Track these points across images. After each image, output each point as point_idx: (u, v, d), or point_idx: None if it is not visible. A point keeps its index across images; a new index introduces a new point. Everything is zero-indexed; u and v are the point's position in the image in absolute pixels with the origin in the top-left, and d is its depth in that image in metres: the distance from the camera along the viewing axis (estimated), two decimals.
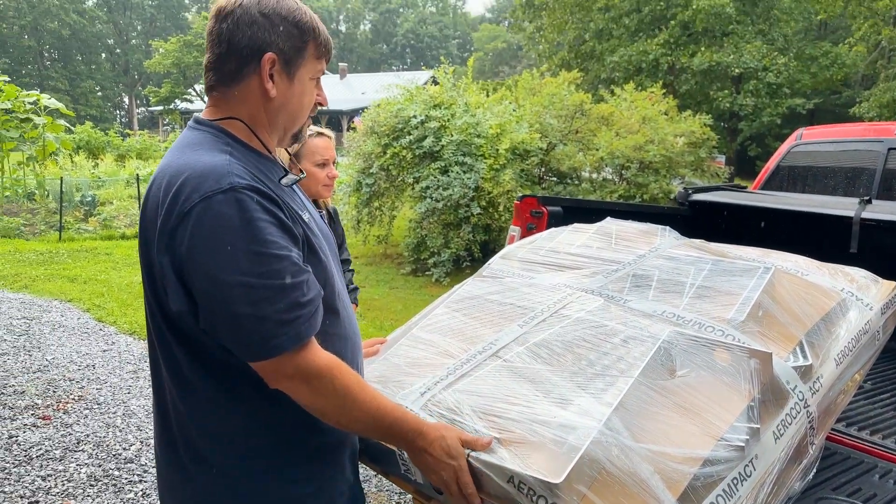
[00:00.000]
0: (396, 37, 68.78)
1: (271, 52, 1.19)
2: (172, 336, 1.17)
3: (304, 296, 1.11)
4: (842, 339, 1.70)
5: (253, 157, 1.21)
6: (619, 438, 1.25)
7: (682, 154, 9.49)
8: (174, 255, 1.09)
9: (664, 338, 1.49)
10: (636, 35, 20.96)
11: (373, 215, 8.71)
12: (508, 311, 1.78)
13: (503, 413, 1.35)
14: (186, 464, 1.23)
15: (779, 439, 1.39)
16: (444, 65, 9.12)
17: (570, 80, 10.90)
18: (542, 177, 9.78)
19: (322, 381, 1.12)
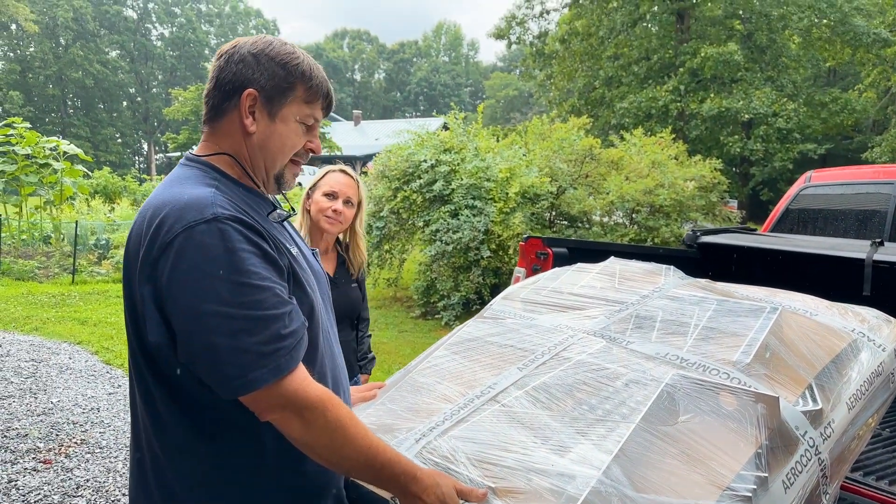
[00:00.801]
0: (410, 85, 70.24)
1: (252, 88, 1.21)
2: (150, 373, 1.15)
3: (285, 328, 1.09)
4: (854, 381, 1.64)
5: (241, 192, 1.22)
6: (619, 488, 1.20)
7: (693, 198, 9.47)
8: (155, 285, 1.08)
9: (667, 381, 1.44)
10: (645, 82, 21.26)
11: (383, 258, 8.72)
12: (508, 354, 1.74)
13: (499, 461, 1.30)
14: (157, 502, 1.19)
15: (789, 489, 1.33)
16: (454, 110, 9.25)
17: (580, 125, 11.03)
18: (553, 220, 9.80)
19: (314, 413, 1.09)
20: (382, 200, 8.48)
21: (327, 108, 1.30)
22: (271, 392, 1.07)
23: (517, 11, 24.61)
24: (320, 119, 1.30)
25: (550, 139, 10.45)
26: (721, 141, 19.79)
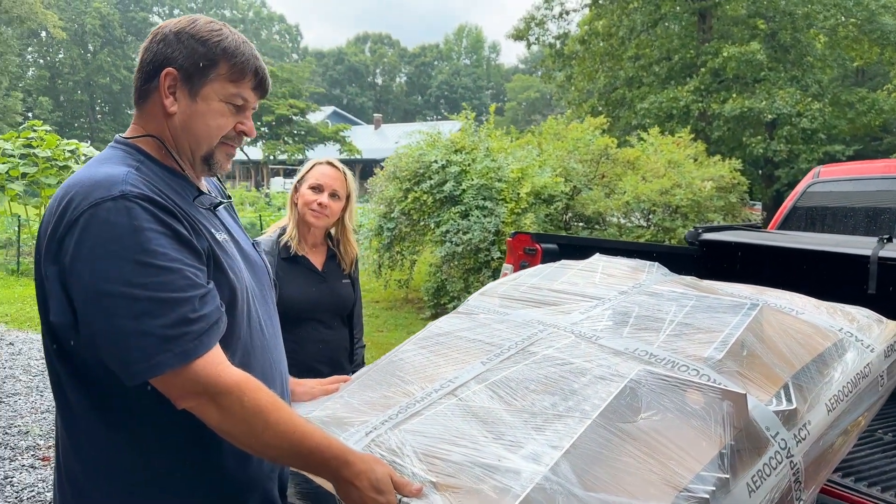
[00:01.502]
0: (431, 88, 70.36)
1: (171, 67, 1.17)
2: (56, 356, 1.11)
3: (194, 311, 1.04)
4: (836, 382, 1.54)
5: (165, 175, 1.18)
6: (565, 486, 1.13)
7: (711, 198, 9.29)
8: (60, 264, 1.04)
9: (632, 377, 1.37)
10: (666, 82, 20.97)
11: (394, 259, 8.69)
12: (474, 348, 1.68)
13: (446, 455, 1.24)
14: (67, 495, 1.15)
15: (754, 492, 1.24)
16: (465, 110, 9.20)
17: (597, 125, 10.91)
18: (568, 222, 9.69)
19: (230, 399, 1.04)
20: (393, 201, 8.45)
21: (259, 88, 1.25)
22: (181, 377, 1.02)
23: (536, 12, 24.46)
24: (251, 100, 1.24)
25: (566, 139, 10.35)
26: (744, 142, 19.44)
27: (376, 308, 8.73)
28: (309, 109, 34.87)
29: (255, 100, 1.26)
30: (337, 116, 46.65)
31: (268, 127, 34.29)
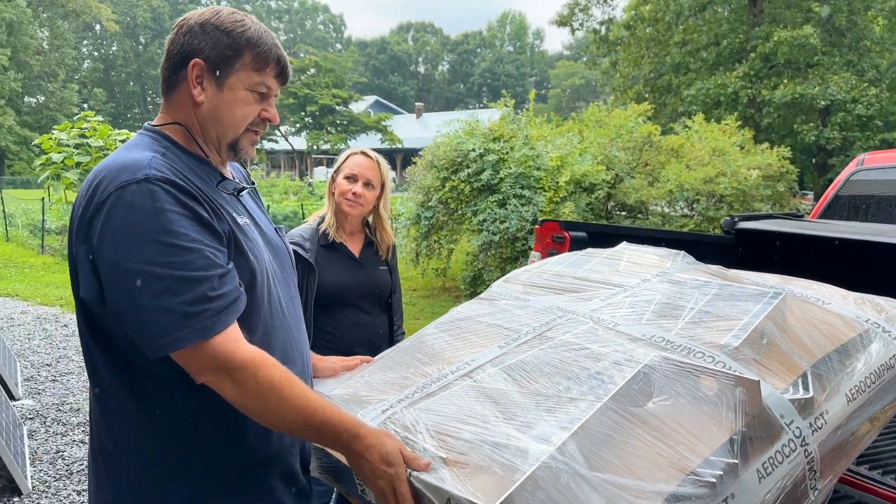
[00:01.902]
0: (473, 76, 70.08)
1: (198, 58, 1.22)
2: (89, 333, 1.18)
3: (213, 289, 1.09)
4: (858, 373, 1.51)
5: (190, 161, 1.23)
6: (571, 465, 1.15)
7: (757, 187, 9.05)
8: (90, 244, 1.10)
9: (646, 362, 1.37)
10: (714, 68, 20.43)
11: (431, 248, 8.74)
12: (493, 333, 1.70)
13: (457, 434, 1.27)
14: (100, 469, 1.23)
15: (764, 479, 1.24)
16: (504, 98, 9.16)
17: (640, 112, 10.72)
18: (611, 211, 9.57)
19: (244, 375, 1.09)
20: (431, 190, 8.49)
21: (281, 76, 1.29)
22: (199, 353, 1.08)
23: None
24: (274, 87, 1.29)
25: (608, 126, 10.21)
26: (795, 129, 18.81)
27: (414, 296, 8.81)
28: (351, 99, 35.15)
29: (278, 87, 1.30)
30: (379, 106, 46.91)
31: (311, 117, 34.70)
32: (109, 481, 1.21)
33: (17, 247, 13.25)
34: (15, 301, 8.32)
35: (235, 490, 1.22)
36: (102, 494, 1.23)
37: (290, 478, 1.33)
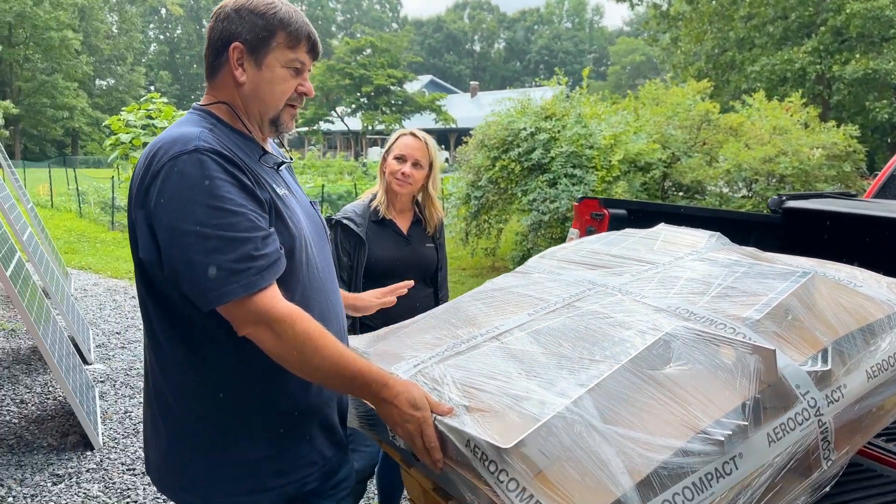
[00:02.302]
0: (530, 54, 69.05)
1: (237, 41, 1.32)
2: (146, 291, 1.31)
3: (256, 249, 1.20)
4: (882, 351, 1.53)
5: (235, 137, 1.34)
6: (585, 417, 1.22)
7: (821, 167, 8.71)
8: (147, 209, 1.23)
9: (668, 331, 1.42)
10: (781, 43, 19.57)
11: (481, 228, 8.79)
12: (524, 302, 1.77)
13: (481, 386, 1.35)
14: (157, 416, 1.36)
15: (774, 443, 1.28)
16: (557, 75, 9.07)
17: (699, 90, 10.42)
18: (667, 191, 9.39)
19: (283, 326, 1.20)
20: (481, 170, 8.52)
21: (312, 52, 1.38)
22: (243, 307, 1.19)
23: None
24: (307, 62, 1.37)
25: (665, 104, 9.98)
26: (867, 107, 17.89)
27: (463, 275, 8.90)
28: (406, 79, 35.23)
29: (310, 62, 1.39)
30: (434, 85, 46.86)
31: (366, 98, 34.99)
32: (166, 427, 1.34)
33: (90, 223, 13.98)
34: (88, 274, 8.83)
35: (280, 437, 1.34)
36: (159, 439, 1.37)
37: (329, 430, 1.44)
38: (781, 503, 1.30)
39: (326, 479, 1.46)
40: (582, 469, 1.14)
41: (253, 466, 1.32)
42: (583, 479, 1.13)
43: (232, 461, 1.32)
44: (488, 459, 1.15)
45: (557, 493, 1.10)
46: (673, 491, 1.14)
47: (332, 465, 1.45)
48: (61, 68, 41.20)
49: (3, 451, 3.58)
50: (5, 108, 29.42)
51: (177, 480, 1.36)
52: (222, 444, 1.31)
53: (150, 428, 1.40)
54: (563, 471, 1.14)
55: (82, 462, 3.48)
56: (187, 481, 1.34)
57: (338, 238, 2.49)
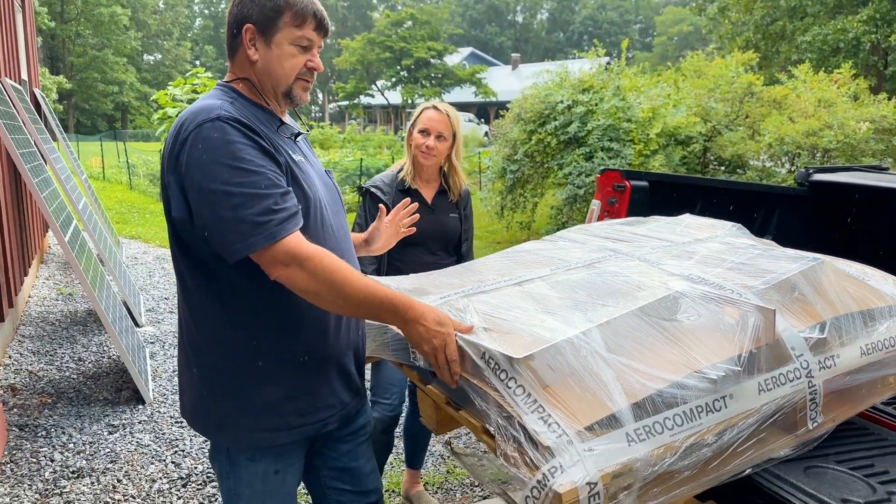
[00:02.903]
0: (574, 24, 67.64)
1: (249, 23, 1.45)
2: (178, 248, 1.46)
3: (276, 204, 1.33)
4: (878, 333, 1.62)
5: (254, 109, 1.48)
6: (591, 345, 1.34)
7: (867, 141, 8.48)
8: (178, 173, 1.37)
9: (679, 289, 1.52)
10: (836, 12, 18.80)
11: (516, 201, 8.84)
12: (547, 261, 1.90)
13: (500, 316, 1.48)
14: (191, 361, 1.52)
15: (764, 392, 1.38)
16: (596, 47, 8.98)
17: (744, 61, 10.18)
18: (708, 165, 9.26)
19: (312, 262, 1.33)
20: (517, 143, 8.54)
21: (320, 29, 1.48)
22: (270, 253, 1.32)
23: None
24: (315, 39, 1.48)
25: (707, 76, 9.79)
26: None
27: (497, 248, 8.99)
28: (446, 52, 35.00)
29: (319, 39, 1.49)
30: (474, 58, 46.44)
31: (406, 71, 34.92)
32: (199, 372, 1.50)
33: (140, 194, 14.49)
34: (138, 243, 9.22)
35: (301, 381, 1.49)
36: (192, 384, 1.53)
37: (347, 376, 1.59)
38: (764, 450, 1.40)
39: (345, 424, 1.62)
40: (583, 385, 1.27)
41: (276, 406, 1.47)
42: (583, 393, 1.26)
43: (257, 402, 1.47)
44: (500, 369, 1.28)
45: (559, 402, 1.23)
46: (664, 416, 1.26)
47: (349, 409, 1.60)
48: (111, 44, 42.23)
49: (64, 403, 3.87)
50: (59, 83, 30.39)
51: (210, 420, 1.52)
52: (249, 386, 1.46)
53: (185, 374, 1.56)
54: (567, 386, 1.27)
55: (135, 415, 3.75)
56: (219, 420, 1.50)
57: (366, 205, 2.63)
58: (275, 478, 1.52)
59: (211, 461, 1.60)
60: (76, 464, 3.20)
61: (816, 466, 1.46)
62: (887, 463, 1.53)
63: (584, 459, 1.15)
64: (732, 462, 1.34)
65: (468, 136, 24.80)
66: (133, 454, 3.32)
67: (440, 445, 3.51)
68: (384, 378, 2.63)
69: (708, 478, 1.31)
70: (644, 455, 1.20)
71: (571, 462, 1.14)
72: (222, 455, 1.53)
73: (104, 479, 3.08)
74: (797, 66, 9.93)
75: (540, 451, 1.16)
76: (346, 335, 1.58)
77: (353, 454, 1.68)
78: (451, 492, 3.08)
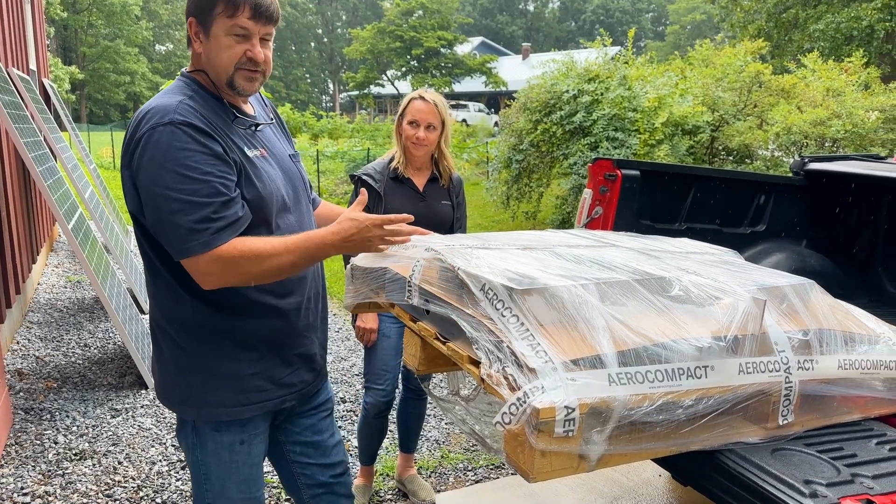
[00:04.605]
0: (585, 13, 67.10)
1: (191, 16, 1.49)
2: (140, 233, 1.51)
3: (215, 213, 1.37)
4: (856, 353, 1.65)
5: (212, 101, 1.51)
6: (586, 296, 1.38)
7: (876, 130, 8.40)
8: (132, 170, 1.42)
9: (675, 276, 1.55)
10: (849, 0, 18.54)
11: (522, 191, 8.84)
12: (549, 240, 1.97)
13: (503, 265, 1.51)
14: (159, 339, 1.58)
15: (743, 373, 1.42)
16: (602, 36, 8.94)
17: (753, 50, 10.09)
18: (716, 155, 9.22)
19: (237, 265, 1.38)
20: (523, 133, 8.53)
21: (257, 17, 1.46)
22: (204, 261, 1.37)
23: None
24: (252, 28, 1.47)
25: (714, 65, 9.73)
26: None
27: None
28: (457, 41, 34.87)
29: (258, 27, 1.47)
30: (484, 47, 46.20)
31: (416, 60, 34.83)
32: (167, 351, 1.56)
33: None
34: None
35: (261, 359, 1.56)
36: (162, 362, 1.60)
37: (308, 358, 1.66)
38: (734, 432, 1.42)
39: (305, 401, 1.70)
40: (574, 326, 1.32)
41: (238, 383, 1.54)
42: (573, 333, 1.31)
43: (220, 378, 1.53)
44: (498, 299, 1.33)
45: (549, 337, 1.29)
46: (647, 368, 1.30)
47: (310, 388, 1.67)
48: (122, 34, 42.41)
49: (69, 388, 3.96)
50: (71, 73, 30.63)
51: (175, 395, 1.59)
52: (211, 363, 1.53)
53: (154, 353, 1.63)
54: (559, 326, 1.33)
55: (137, 399, 3.83)
56: (183, 395, 1.57)
57: (357, 193, 2.67)
58: (241, 448, 1.59)
59: (178, 436, 1.66)
60: (79, 446, 3.28)
61: (784, 449, 1.49)
62: (856, 447, 1.55)
63: (565, 385, 1.20)
64: (703, 434, 1.38)
65: (478, 126, 24.75)
66: (134, 437, 3.39)
67: (435, 430, 3.56)
68: (378, 364, 2.67)
69: (678, 441, 1.35)
70: (623, 397, 1.25)
71: (553, 385, 1.20)
72: (188, 428, 1.60)
73: (105, 461, 3.15)
74: (807, 55, 9.85)
75: (525, 374, 1.22)
76: (307, 317, 1.64)
77: (315, 428, 1.75)
78: (445, 476, 3.13)
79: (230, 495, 1.61)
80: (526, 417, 1.17)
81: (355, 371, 4.38)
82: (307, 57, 60.27)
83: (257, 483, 1.65)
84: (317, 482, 1.77)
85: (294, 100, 49.70)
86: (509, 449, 1.26)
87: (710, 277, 1.63)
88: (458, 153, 14.52)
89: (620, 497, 2.92)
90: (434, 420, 3.66)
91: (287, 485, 1.82)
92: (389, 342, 2.64)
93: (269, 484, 2.90)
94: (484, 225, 9.72)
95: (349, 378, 4.28)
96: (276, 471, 1.83)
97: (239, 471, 1.60)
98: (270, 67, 1.57)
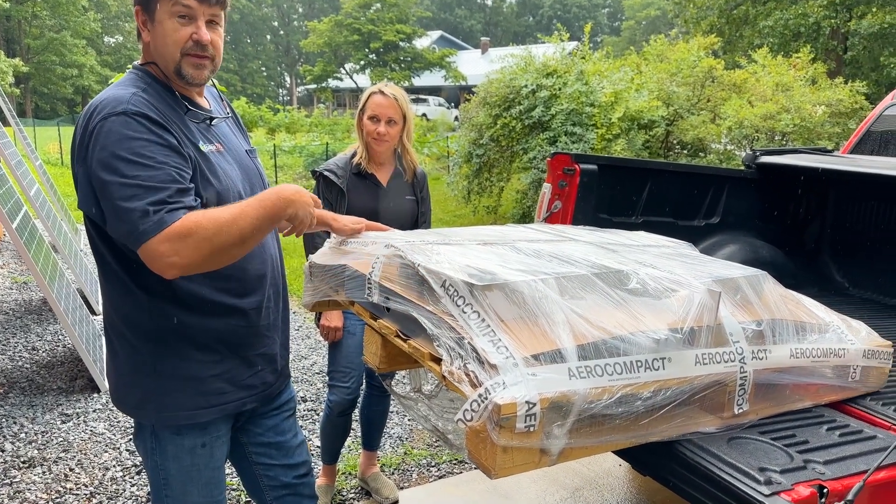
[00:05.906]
0: (543, 8, 67.59)
1: (137, 4, 1.44)
2: (96, 234, 1.45)
3: (171, 197, 1.32)
4: (807, 342, 1.70)
5: (165, 93, 1.46)
6: (546, 290, 1.38)
7: (823, 124, 8.67)
8: (86, 165, 1.36)
9: (632, 269, 1.57)
10: None
11: (482, 186, 8.87)
12: (511, 234, 1.95)
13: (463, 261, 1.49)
14: (114, 341, 1.53)
15: (700, 364, 1.44)
16: (559, 32, 9.00)
17: (705, 46, 10.30)
18: (671, 149, 9.39)
19: (189, 229, 1.30)
20: (483, 128, 8.55)
21: None
22: (159, 240, 1.29)
23: None
24: (195, 7, 1.42)
25: (669, 61, 9.90)
26: (882, 62, 17.54)
27: None
28: (415, 35, 34.73)
29: (202, 7, 1.42)
30: (444, 41, 46.14)
31: (375, 54, 34.58)
32: (123, 353, 1.51)
33: None
34: None
35: (221, 361, 1.52)
36: (117, 364, 1.54)
37: (270, 359, 1.63)
38: (691, 422, 1.45)
39: (267, 402, 1.66)
40: (534, 321, 1.32)
41: (197, 385, 1.50)
42: (533, 329, 1.31)
43: (179, 380, 1.49)
44: (459, 296, 1.32)
45: (510, 332, 1.29)
46: (605, 361, 1.31)
47: (272, 390, 1.64)
48: (69, 25, 40.95)
49: (17, 393, 3.81)
50: (15, 66, 29.43)
51: (131, 399, 1.53)
52: (170, 366, 1.48)
53: (109, 356, 1.57)
54: (520, 321, 1.33)
55: (89, 403, 3.71)
56: (140, 399, 1.51)
57: (320, 189, 2.62)
58: (202, 451, 1.55)
59: (135, 441, 1.61)
60: (27, 454, 3.16)
61: (740, 437, 1.52)
62: (808, 433, 1.59)
63: (526, 381, 1.21)
64: (661, 426, 1.39)
65: (438, 121, 24.71)
66: (86, 443, 3.28)
67: (398, 427, 3.54)
68: (342, 362, 2.64)
69: (637, 433, 1.37)
70: (583, 390, 1.26)
71: (514, 381, 1.20)
72: (146, 432, 1.55)
73: (56, 469, 3.04)
74: (757, 51, 10.11)
75: (486, 370, 1.22)
76: (268, 317, 1.60)
77: (278, 428, 1.72)
78: (408, 472, 3.12)
79: (192, 500, 1.57)
80: (487, 414, 1.17)
81: (316, 370, 4.33)
82: (263, 50, 59.26)
83: (219, 486, 1.61)
84: (280, 483, 1.73)
85: (250, 93, 48.74)
86: (471, 445, 1.25)
87: (666, 270, 1.65)
88: (419, 148, 14.51)
89: (582, 488, 2.95)
90: (397, 417, 3.64)
91: (249, 487, 1.78)
92: (355, 340, 2.61)
93: (230, 486, 2.84)
94: (445, 220, 9.71)
95: (310, 377, 4.23)
96: (237, 473, 1.79)
97: (201, 474, 1.56)
98: (220, 55, 1.51)
